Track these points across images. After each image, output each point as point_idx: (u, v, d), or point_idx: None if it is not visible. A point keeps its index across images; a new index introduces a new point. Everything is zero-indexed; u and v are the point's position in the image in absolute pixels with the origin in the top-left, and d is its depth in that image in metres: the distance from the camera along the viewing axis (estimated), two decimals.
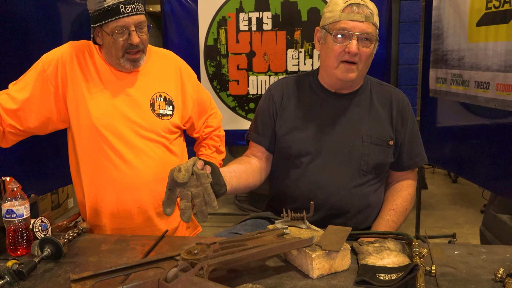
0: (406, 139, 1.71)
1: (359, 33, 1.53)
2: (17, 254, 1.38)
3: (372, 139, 1.64)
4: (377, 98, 1.71)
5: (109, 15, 1.56)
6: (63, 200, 4.33)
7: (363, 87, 1.71)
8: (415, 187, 1.77)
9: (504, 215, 2.60)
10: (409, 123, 1.71)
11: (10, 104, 1.61)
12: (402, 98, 1.74)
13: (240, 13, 3.42)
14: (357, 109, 1.68)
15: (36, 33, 2.39)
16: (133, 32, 1.60)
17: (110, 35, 1.59)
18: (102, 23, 1.59)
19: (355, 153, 1.63)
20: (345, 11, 1.53)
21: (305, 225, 1.40)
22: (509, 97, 2.12)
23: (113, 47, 1.62)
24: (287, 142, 1.68)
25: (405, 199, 1.71)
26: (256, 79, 3.49)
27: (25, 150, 2.23)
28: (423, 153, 1.77)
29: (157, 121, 1.73)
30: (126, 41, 1.61)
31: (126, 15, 1.57)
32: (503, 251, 1.36)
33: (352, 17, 1.53)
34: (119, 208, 1.72)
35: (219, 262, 1.11)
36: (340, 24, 1.54)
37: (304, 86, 1.74)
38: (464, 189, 5.03)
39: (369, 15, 1.53)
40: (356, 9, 1.53)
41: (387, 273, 1.18)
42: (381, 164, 1.66)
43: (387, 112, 1.69)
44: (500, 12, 2.19)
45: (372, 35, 1.55)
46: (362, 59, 1.57)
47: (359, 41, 1.54)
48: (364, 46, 1.55)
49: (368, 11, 1.54)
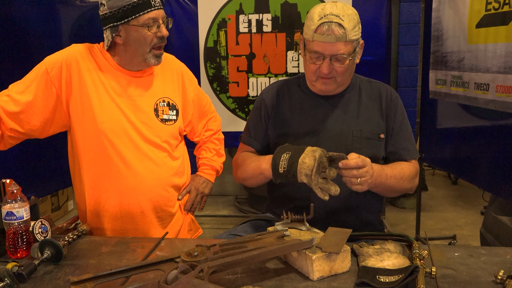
0: (394, 132, 1.72)
1: (330, 54, 1.56)
2: (17, 256, 1.37)
3: (362, 133, 1.67)
4: (366, 94, 1.74)
5: (142, 8, 1.59)
6: (63, 202, 4.33)
7: (351, 85, 1.75)
8: (416, 173, 1.72)
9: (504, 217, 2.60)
10: (397, 116, 1.73)
11: (12, 107, 1.60)
12: (391, 92, 1.76)
13: (240, 15, 3.43)
14: (346, 107, 1.72)
15: (37, 35, 2.39)
16: (162, 24, 1.65)
17: (143, 26, 1.61)
18: (133, 17, 1.60)
19: (347, 148, 1.65)
20: (318, 31, 1.55)
21: (305, 227, 1.40)
22: (509, 98, 2.13)
23: (142, 42, 1.64)
24: (281, 144, 1.70)
25: (404, 169, 1.66)
26: (256, 81, 3.50)
27: (25, 152, 2.23)
28: (411, 149, 1.73)
29: (160, 126, 1.74)
30: (155, 34, 1.64)
31: (156, 8, 1.62)
32: (504, 253, 1.36)
33: (324, 39, 1.54)
34: (122, 212, 1.72)
35: (219, 264, 1.11)
36: (313, 46, 1.58)
37: (294, 88, 1.79)
38: (464, 191, 5.02)
39: (341, 34, 1.53)
40: (327, 30, 1.53)
41: (387, 275, 1.18)
42: (373, 157, 1.66)
43: (377, 106, 1.72)
44: (499, 13, 2.19)
45: (344, 54, 1.56)
46: (338, 73, 1.61)
47: (332, 60, 1.57)
48: (338, 64, 1.59)
49: (341, 30, 1.53)
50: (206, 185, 1.95)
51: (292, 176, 1.46)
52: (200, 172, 1.97)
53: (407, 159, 1.72)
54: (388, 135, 1.71)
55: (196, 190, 1.91)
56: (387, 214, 4.23)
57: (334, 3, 1.58)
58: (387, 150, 1.72)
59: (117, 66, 1.70)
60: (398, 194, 1.71)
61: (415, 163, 1.74)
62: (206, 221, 4.21)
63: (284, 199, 1.73)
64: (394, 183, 1.61)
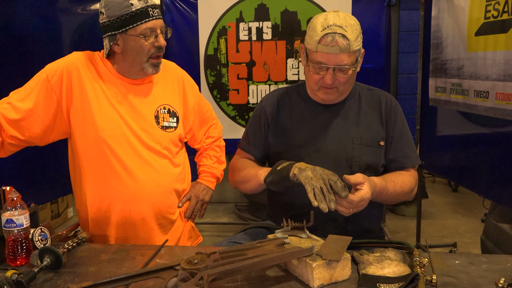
0: (394, 140, 1.72)
1: (334, 65, 1.57)
2: (17, 264, 1.37)
3: (362, 140, 1.68)
4: (366, 102, 1.75)
5: (139, 18, 1.60)
6: (63, 210, 4.32)
7: (351, 93, 1.75)
8: (416, 182, 1.73)
9: (505, 224, 2.59)
10: (397, 123, 1.73)
11: (12, 114, 1.60)
12: (391, 100, 1.77)
13: (240, 23, 3.44)
14: (346, 114, 1.72)
15: (37, 43, 2.40)
16: (160, 34, 1.65)
17: (140, 36, 1.61)
18: (130, 27, 1.60)
19: (346, 156, 1.66)
20: (321, 42, 1.55)
21: (305, 234, 1.40)
22: (508, 106, 2.13)
23: (139, 52, 1.64)
24: (280, 150, 1.73)
25: (405, 181, 1.66)
26: (256, 88, 3.51)
27: (25, 159, 2.23)
28: (412, 156, 1.74)
29: (161, 133, 1.74)
30: (153, 44, 1.64)
31: (154, 18, 1.63)
32: (504, 261, 1.36)
33: (328, 50, 1.55)
34: (123, 219, 1.71)
35: (219, 272, 1.11)
36: (316, 57, 1.58)
37: (294, 96, 1.80)
38: (465, 198, 5.02)
39: (345, 46, 1.54)
40: (331, 41, 1.54)
41: (388, 282, 1.18)
42: (373, 165, 1.68)
43: (377, 114, 1.73)
44: (498, 21, 2.20)
45: (347, 65, 1.57)
46: (340, 83, 1.62)
47: (335, 71, 1.58)
48: (341, 74, 1.60)
49: (344, 41, 1.54)
50: (206, 192, 1.95)
51: (286, 171, 1.47)
52: (201, 180, 1.97)
53: (407, 166, 1.72)
54: (388, 142, 1.72)
55: (196, 197, 1.90)
56: (387, 222, 4.23)
57: (336, 13, 1.59)
58: (387, 157, 1.72)
59: (117, 74, 1.71)
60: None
61: (415, 172, 1.74)
62: (206, 229, 4.20)
63: (284, 206, 1.73)
64: (395, 197, 1.64)
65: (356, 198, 1.41)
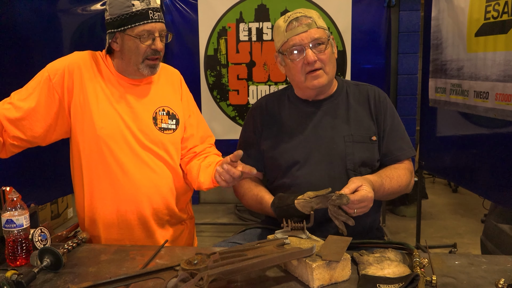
0: (386, 133, 1.72)
1: (309, 42, 1.60)
2: (16, 264, 1.37)
3: (354, 137, 1.68)
4: (354, 98, 1.75)
5: (138, 19, 1.60)
6: (63, 210, 4.32)
7: (339, 90, 1.76)
8: (411, 174, 1.74)
9: (504, 225, 2.59)
10: (387, 117, 1.73)
11: (14, 114, 1.60)
12: (379, 93, 1.77)
13: (240, 24, 3.45)
14: (335, 112, 1.73)
15: (38, 43, 2.40)
16: (158, 38, 1.65)
17: (136, 37, 1.61)
18: (128, 27, 1.61)
19: (340, 154, 1.66)
20: (288, 29, 1.62)
21: (305, 235, 1.40)
22: (508, 107, 2.13)
23: (135, 52, 1.64)
24: (274, 155, 1.74)
25: (401, 176, 1.66)
26: (256, 88, 3.51)
27: (25, 160, 2.23)
28: (406, 147, 1.73)
29: (159, 135, 1.74)
30: (149, 46, 1.64)
31: (154, 20, 1.62)
32: (504, 261, 1.36)
33: (296, 31, 1.61)
34: (119, 220, 1.72)
35: (219, 273, 1.11)
36: (289, 43, 1.63)
37: (283, 100, 1.81)
38: (465, 199, 5.02)
39: (310, 22, 1.61)
40: (296, 23, 1.62)
41: (388, 283, 1.18)
42: (367, 161, 1.67)
43: (366, 109, 1.73)
44: (498, 22, 2.20)
45: (322, 38, 1.62)
46: (324, 62, 1.64)
47: (313, 48, 1.61)
48: (320, 51, 1.62)
49: (308, 19, 1.61)
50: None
51: (291, 199, 1.51)
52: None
53: (402, 158, 1.72)
54: (380, 136, 1.71)
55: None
56: (387, 222, 4.23)
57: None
58: (381, 151, 1.72)
59: (116, 73, 1.71)
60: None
61: (410, 165, 1.74)
62: (206, 229, 4.20)
63: None
64: (392, 193, 1.65)
65: (356, 197, 1.41)
